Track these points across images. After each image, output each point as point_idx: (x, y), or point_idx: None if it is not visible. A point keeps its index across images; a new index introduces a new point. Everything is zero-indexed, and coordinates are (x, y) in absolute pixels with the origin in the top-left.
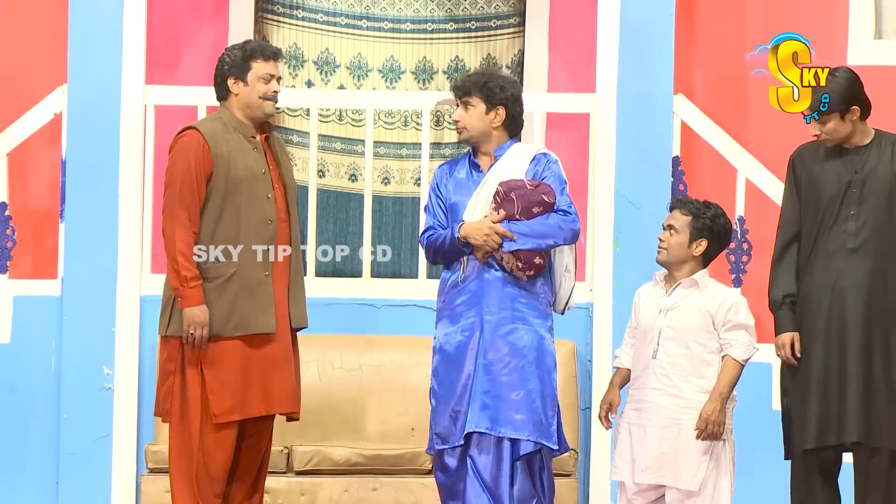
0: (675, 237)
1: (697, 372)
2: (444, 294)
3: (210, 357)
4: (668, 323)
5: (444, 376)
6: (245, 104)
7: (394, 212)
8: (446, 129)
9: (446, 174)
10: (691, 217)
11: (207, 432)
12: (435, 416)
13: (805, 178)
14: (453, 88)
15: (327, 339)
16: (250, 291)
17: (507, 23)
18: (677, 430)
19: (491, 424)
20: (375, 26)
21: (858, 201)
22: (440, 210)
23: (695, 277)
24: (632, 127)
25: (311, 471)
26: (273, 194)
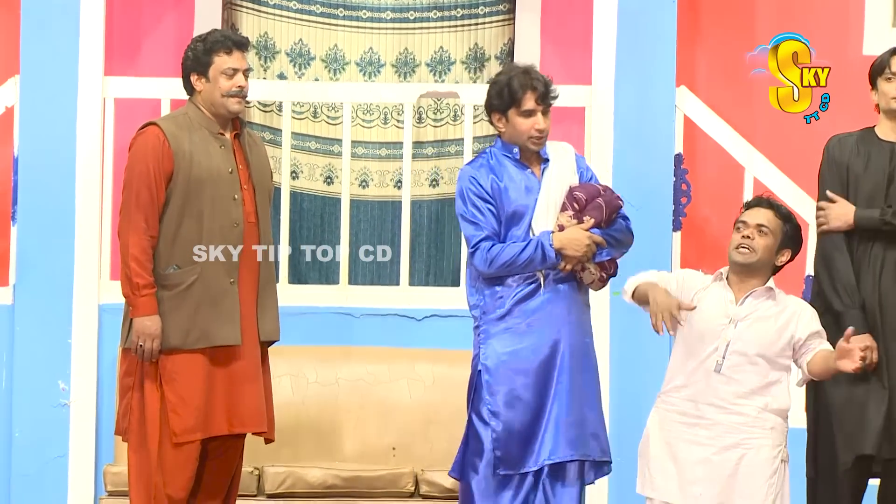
0: (766, 239)
1: (766, 390)
2: (503, 307)
3: (170, 372)
4: (738, 336)
5: (511, 396)
6: (209, 101)
7: (373, 217)
8: (429, 126)
9: (492, 179)
10: (783, 222)
11: (167, 452)
12: (497, 440)
13: (842, 168)
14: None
15: (301, 351)
16: (213, 300)
17: (496, 10)
18: (742, 453)
19: (582, 450)
20: (353, 15)
21: None
22: (493, 218)
23: (771, 286)
24: (631, 122)
25: (284, 494)
26: (241, 195)
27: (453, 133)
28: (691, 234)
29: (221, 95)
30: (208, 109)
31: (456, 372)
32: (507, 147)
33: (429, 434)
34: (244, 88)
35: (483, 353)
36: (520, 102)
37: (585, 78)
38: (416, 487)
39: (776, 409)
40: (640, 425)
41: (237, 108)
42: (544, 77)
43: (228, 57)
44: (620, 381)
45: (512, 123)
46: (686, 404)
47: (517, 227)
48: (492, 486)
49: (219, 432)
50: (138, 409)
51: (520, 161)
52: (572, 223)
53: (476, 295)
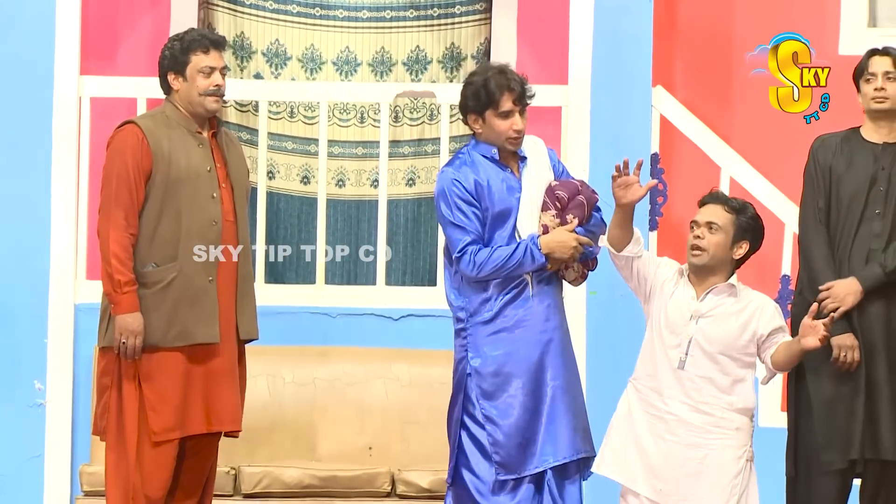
0: (717, 236)
1: (730, 389)
2: (491, 310)
3: (148, 370)
4: (700, 333)
5: (508, 401)
6: (186, 100)
7: (350, 216)
8: (406, 126)
9: (475, 180)
10: (734, 215)
11: (145, 451)
12: (495, 444)
13: (826, 170)
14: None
15: (278, 351)
16: (192, 299)
17: (472, 9)
18: (704, 453)
19: (581, 447)
20: (329, 15)
21: (884, 199)
22: (478, 221)
23: (732, 283)
24: (607, 121)
25: (261, 493)
26: (219, 194)
27: (430, 132)
28: (667, 234)
29: (199, 94)
30: (186, 108)
31: (433, 372)
32: (484, 148)
33: (405, 434)
34: (221, 87)
35: (472, 357)
36: (497, 104)
37: (562, 78)
38: (393, 487)
39: (741, 408)
40: None
41: (215, 106)
42: (520, 77)
43: (206, 56)
44: (596, 379)
45: (489, 124)
46: (653, 395)
47: (502, 228)
48: (490, 489)
49: (197, 431)
50: (116, 408)
51: (499, 161)
52: (556, 223)
53: (461, 298)
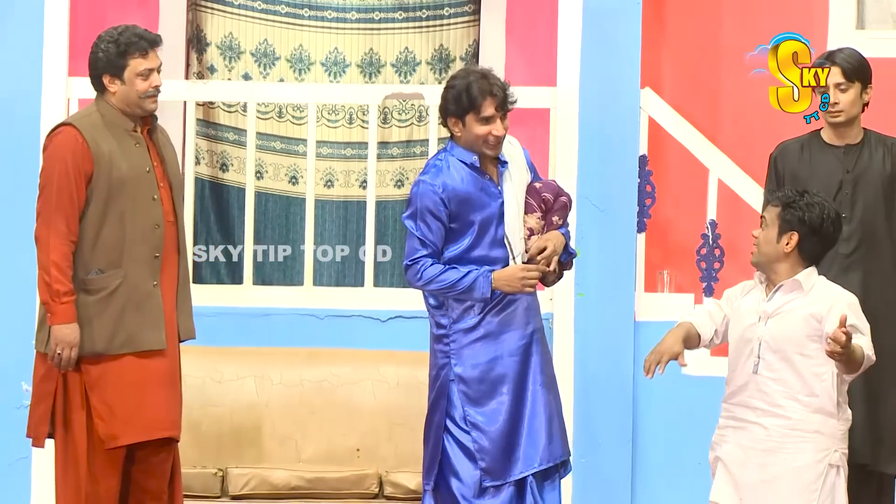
0: (765, 232)
1: (807, 389)
2: (475, 316)
3: (95, 377)
4: (768, 333)
5: (494, 407)
6: (124, 102)
7: (338, 217)
8: (394, 127)
9: (451, 191)
10: (780, 209)
11: (95, 459)
12: (481, 450)
13: (789, 177)
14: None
15: (265, 353)
16: (138, 304)
17: (461, 11)
18: (782, 458)
19: (558, 451)
20: (318, 16)
21: (851, 203)
22: (441, 237)
23: (798, 278)
24: (595, 123)
25: (248, 495)
26: (159, 195)
27: (419, 134)
28: (655, 236)
29: (138, 97)
30: (122, 109)
31: (421, 373)
32: (464, 154)
33: (393, 435)
34: (160, 87)
35: (455, 364)
36: (479, 108)
37: (550, 79)
38: (381, 489)
39: (820, 408)
40: (603, 427)
41: (153, 107)
42: (503, 82)
43: (144, 60)
44: (584, 380)
45: (469, 128)
46: (736, 409)
47: (487, 235)
48: (473, 493)
49: (147, 437)
50: (62, 416)
51: (478, 168)
52: (541, 224)
53: (442, 304)
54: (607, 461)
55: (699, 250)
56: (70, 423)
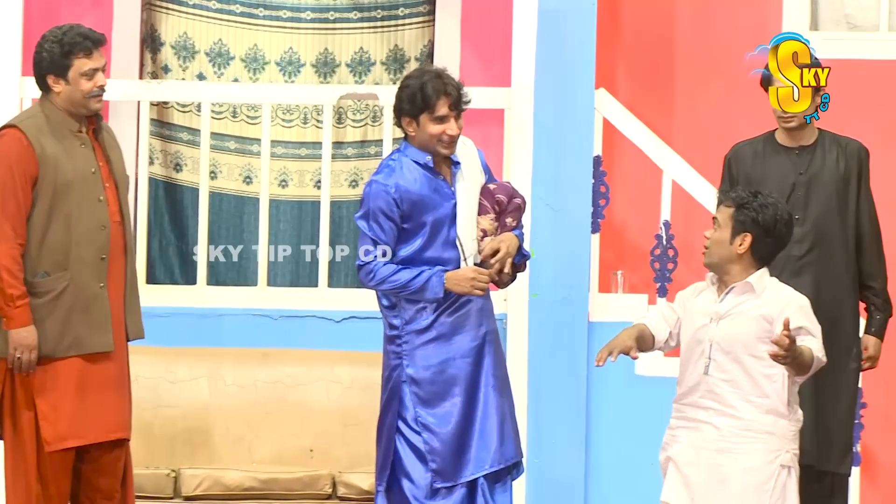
0: (717, 233)
1: (758, 390)
2: (427, 318)
3: (41, 380)
4: (720, 334)
5: (446, 409)
6: (68, 102)
7: (292, 217)
8: (349, 127)
9: (403, 191)
10: (734, 208)
11: (45, 460)
12: (432, 452)
13: (743, 179)
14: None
15: (218, 353)
16: (85, 306)
17: (416, 11)
18: (734, 458)
19: (509, 453)
20: (273, 15)
21: (804, 204)
22: (393, 237)
23: (749, 280)
24: (550, 124)
25: (201, 496)
26: (105, 195)
27: (373, 134)
28: (609, 237)
29: (83, 97)
30: (67, 109)
31: (374, 374)
32: (417, 154)
33: (346, 436)
34: (105, 87)
35: (407, 365)
36: (433, 108)
37: (505, 80)
38: (334, 489)
39: (770, 408)
40: (557, 427)
41: (98, 106)
42: (457, 81)
43: (88, 59)
44: (538, 383)
45: (423, 128)
46: (688, 409)
47: (439, 235)
48: (425, 494)
49: (95, 439)
50: (10, 418)
51: (432, 169)
52: (494, 226)
53: (396, 304)
54: (560, 462)
55: (653, 251)
56: (19, 425)
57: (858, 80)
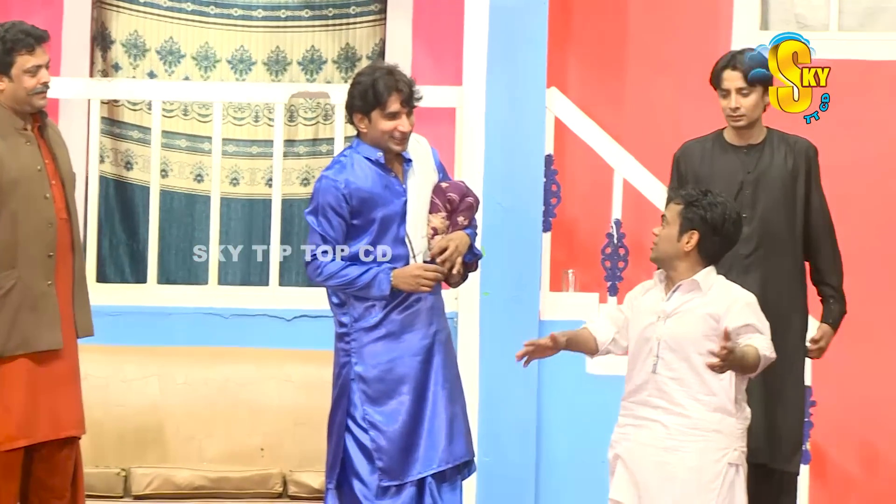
0: (665, 229)
1: (705, 388)
2: (376, 315)
3: None
4: (667, 332)
5: (393, 407)
6: (12, 99)
7: (243, 215)
8: (300, 125)
9: (354, 188)
10: (683, 206)
11: None
12: (379, 450)
13: (692, 178)
14: (413, 95)
15: (169, 352)
16: (33, 304)
17: (368, 10)
18: (681, 456)
19: (458, 453)
20: (224, 13)
21: (752, 203)
22: (342, 233)
23: (696, 278)
24: (501, 123)
25: (151, 495)
26: (51, 193)
27: (325, 132)
28: (561, 235)
29: (27, 94)
30: (11, 107)
31: (325, 373)
32: (368, 150)
33: (297, 435)
34: (49, 83)
35: (356, 363)
36: (385, 104)
37: (456, 79)
38: (285, 488)
39: (718, 406)
40: (508, 426)
41: (42, 103)
42: (409, 78)
43: (31, 56)
44: (489, 381)
45: (375, 124)
46: (636, 407)
47: (389, 232)
48: (374, 493)
49: (44, 438)
50: None
51: (383, 165)
52: (445, 224)
53: (345, 302)
54: (511, 460)
55: (604, 249)
56: None
57: None
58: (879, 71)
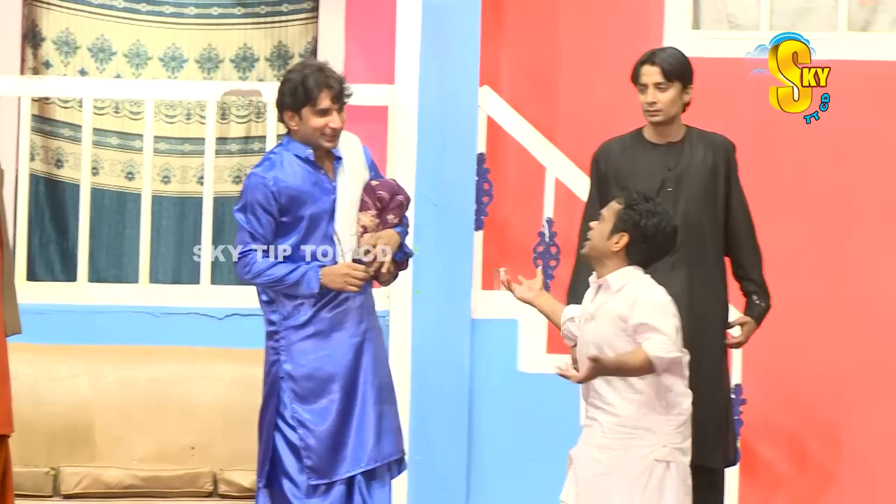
0: (599, 226)
1: (630, 388)
2: (305, 313)
3: None
4: (590, 334)
5: (322, 405)
6: None
7: (175, 213)
8: (232, 123)
9: (282, 186)
10: (622, 207)
11: None
12: (307, 448)
13: (612, 176)
14: (344, 92)
15: (99, 350)
16: None
17: (300, 7)
18: (611, 454)
19: (388, 451)
20: (156, 10)
21: (673, 200)
22: (271, 230)
23: (607, 278)
24: (434, 121)
25: (81, 494)
26: None
27: (257, 130)
28: (493, 234)
29: None
30: None
31: (257, 371)
32: (298, 147)
33: (228, 433)
34: None
35: (284, 361)
36: (315, 101)
37: (389, 77)
38: (215, 487)
39: (644, 403)
40: (439, 424)
41: None
42: (339, 75)
43: None
44: (420, 379)
45: (305, 121)
46: (587, 408)
47: (318, 230)
48: (304, 492)
49: None
50: None
51: (313, 162)
52: (375, 222)
53: (274, 300)
54: (443, 458)
55: (536, 248)
56: None
57: (740, 79)
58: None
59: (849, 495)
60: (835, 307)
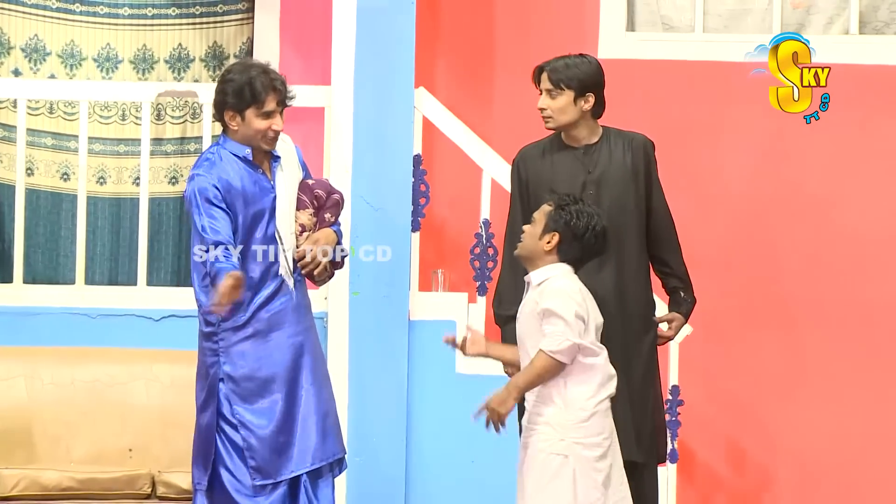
0: (531, 227)
1: None
2: (245, 314)
3: None
4: (519, 330)
5: (263, 406)
6: None
7: (110, 214)
8: (168, 124)
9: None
10: (553, 208)
11: None
12: (250, 449)
13: (533, 180)
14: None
15: (36, 352)
16: None
17: (235, 8)
18: (524, 449)
19: (331, 450)
20: (90, 11)
21: (596, 202)
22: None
23: (530, 275)
24: (370, 122)
25: (18, 496)
26: None
27: (193, 131)
28: (430, 235)
29: None
30: None
31: (194, 373)
32: (236, 147)
33: (166, 435)
34: None
35: (224, 362)
36: (262, 103)
37: (325, 78)
38: (153, 489)
39: (545, 398)
40: (378, 425)
41: None
42: (282, 77)
43: None
44: (359, 381)
45: (248, 123)
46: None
47: (258, 229)
48: (248, 492)
49: None
50: None
51: (252, 162)
52: (313, 221)
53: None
54: (382, 459)
55: (473, 249)
56: None
57: (674, 81)
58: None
59: (786, 494)
60: (770, 308)
